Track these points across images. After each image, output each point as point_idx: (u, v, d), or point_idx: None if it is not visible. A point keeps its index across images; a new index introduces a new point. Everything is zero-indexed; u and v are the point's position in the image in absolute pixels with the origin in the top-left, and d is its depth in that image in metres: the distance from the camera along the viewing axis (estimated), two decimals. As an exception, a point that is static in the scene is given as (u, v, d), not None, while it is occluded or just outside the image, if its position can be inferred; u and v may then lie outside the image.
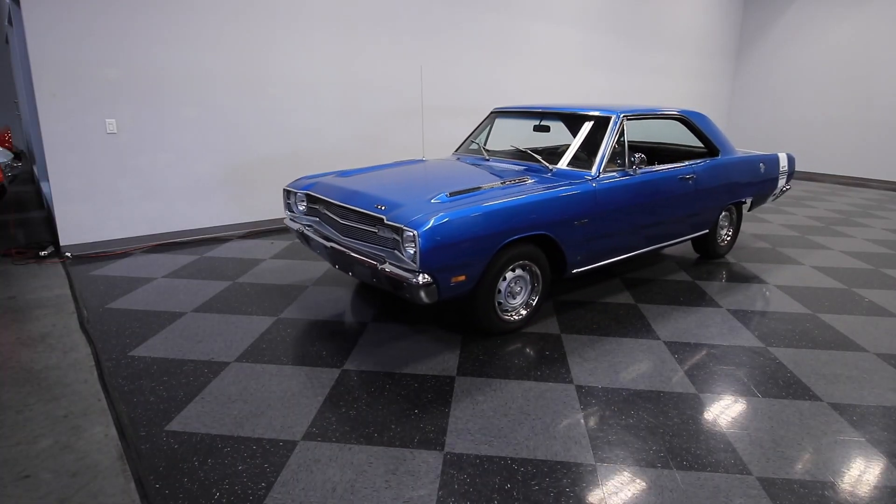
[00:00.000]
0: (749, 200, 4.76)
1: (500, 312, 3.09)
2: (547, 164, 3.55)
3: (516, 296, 3.16)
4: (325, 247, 3.16)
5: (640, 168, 3.54)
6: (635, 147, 5.13)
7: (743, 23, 10.88)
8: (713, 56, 10.45)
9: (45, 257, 4.47)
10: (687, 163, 4.01)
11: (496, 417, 2.37)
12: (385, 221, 2.76)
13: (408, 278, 2.60)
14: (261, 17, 5.06)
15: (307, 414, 2.37)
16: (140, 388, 2.56)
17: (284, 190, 3.66)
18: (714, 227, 4.49)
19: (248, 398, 2.48)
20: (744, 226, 6.22)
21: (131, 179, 4.69)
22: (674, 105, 9.88)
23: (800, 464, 2.12)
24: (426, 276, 2.59)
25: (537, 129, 3.99)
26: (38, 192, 7.21)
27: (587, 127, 3.67)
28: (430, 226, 2.58)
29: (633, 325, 3.37)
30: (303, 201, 3.55)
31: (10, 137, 7.92)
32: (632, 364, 2.87)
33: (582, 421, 2.36)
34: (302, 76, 5.43)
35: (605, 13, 8.18)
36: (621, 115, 3.61)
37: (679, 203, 3.88)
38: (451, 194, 2.93)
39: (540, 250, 3.12)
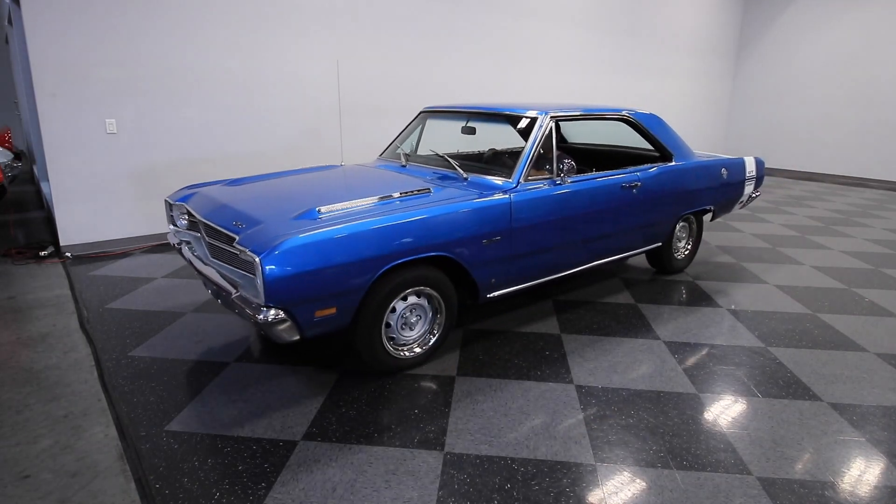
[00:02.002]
0: (711, 209, 4.30)
1: (390, 348, 2.66)
2: (461, 172, 3.11)
3: (413, 327, 2.74)
4: (194, 267, 2.77)
5: (569, 176, 3.13)
6: (584, 151, 4.69)
7: (743, 23, 10.88)
8: (713, 56, 10.45)
9: (45, 257, 4.47)
10: (631, 169, 3.58)
11: (496, 417, 2.37)
12: (234, 244, 2.33)
13: (255, 314, 2.19)
14: (266, 19, 5.06)
15: (307, 414, 2.37)
16: (140, 388, 2.56)
17: (165, 201, 3.23)
18: (669, 240, 4.06)
19: (248, 398, 2.48)
20: (744, 226, 6.22)
21: (131, 179, 4.69)
22: (679, 103, 9.89)
23: (800, 464, 2.12)
24: (279, 311, 2.19)
25: (465, 131, 3.55)
26: (38, 192, 7.21)
27: (512, 129, 3.32)
28: (275, 251, 2.14)
29: (633, 325, 3.37)
30: (184, 214, 3.02)
31: (10, 137, 7.92)
32: (632, 364, 2.87)
33: (582, 421, 2.36)
34: (300, 75, 5.43)
35: (601, 12, 8.18)
36: (548, 116, 3.20)
37: (622, 214, 3.45)
38: (323, 210, 2.50)
39: (442, 274, 2.70)
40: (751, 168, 4.52)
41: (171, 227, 3.15)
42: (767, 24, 10.53)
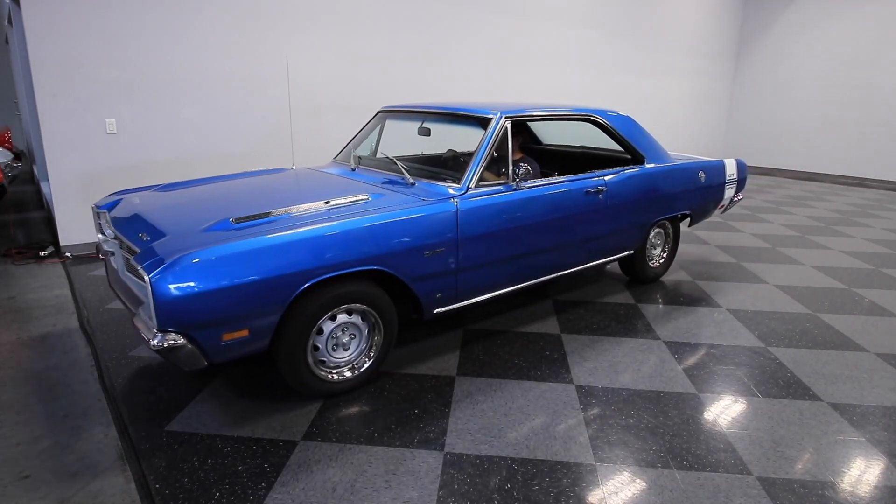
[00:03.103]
0: (688, 215, 4.09)
1: (319, 370, 2.42)
2: (408, 177, 2.89)
3: (347, 348, 2.51)
4: (108, 281, 2.59)
5: (525, 181, 2.91)
6: (559, 153, 4.46)
7: (743, 23, 10.88)
8: (713, 56, 10.45)
9: (45, 257, 4.47)
10: (597, 173, 3.35)
11: (496, 417, 2.37)
12: (132, 259, 2.15)
13: (149, 339, 1.99)
14: (266, 19, 5.06)
15: (307, 414, 2.37)
16: (140, 388, 2.56)
17: (91, 208, 3.01)
18: (642, 248, 3.85)
19: (248, 398, 2.48)
20: (744, 225, 6.22)
21: (131, 179, 4.69)
22: (680, 103, 9.88)
23: (800, 464, 2.12)
24: (177, 336, 1.98)
25: (420, 132, 3.33)
26: (38, 192, 7.21)
27: (465, 130, 3.13)
28: (168, 269, 1.93)
29: (633, 325, 3.37)
30: (109, 222, 2.77)
31: (10, 137, 7.92)
32: (632, 364, 2.87)
33: (582, 421, 2.36)
34: (298, 77, 5.43)
35: (600, 12, 8.18)
36: (502, 116, 2.96)
37: (586, 221, 3.24)
38: (237, 220, 2.29)
39: (379, 289, 2.48)
40: (731, 171, 4.28)
41: (100, 235, 2.85)
42: (767, 24, 10.53)
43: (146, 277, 1.93)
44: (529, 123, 4.58)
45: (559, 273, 3.27)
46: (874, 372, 2.86)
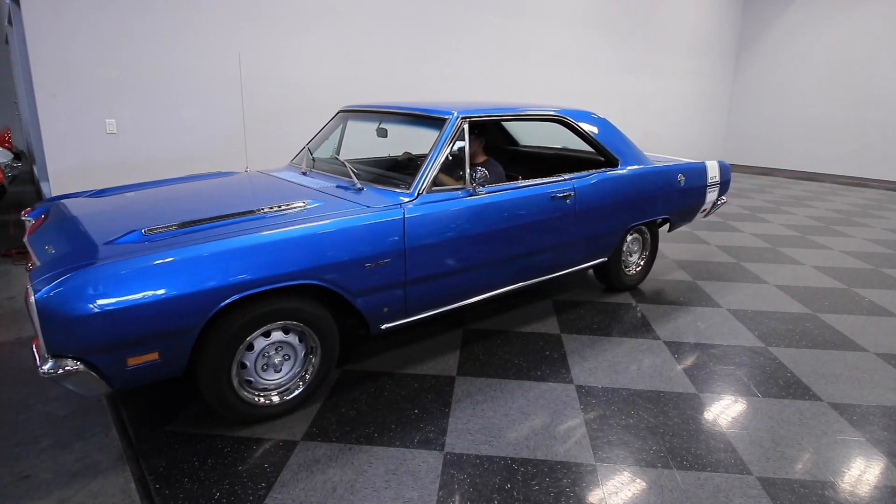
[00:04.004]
0: (667, 219, 3.91)
1: (245, 394, 2.22)
2: (356, 181, 2.69)
3: (279, 369, 2.30)
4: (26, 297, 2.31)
5: (482, 186, 2.73)
6: (534, 156, 4.26)
7: (743, 23, 10.88)
8: (713, 56, 10.45)
9: (45, 257, 4.46)
10: (564, 177, 3.17)
11: (496, 417, 2.37)
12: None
13: (40, 365, 1.78)
14: (266, 18, 5.06)
15: (307, 414, 2.37)
16: (140, 388, 2.56)
17: (21, 216, 2.87)
18: (617, 254, 3.65)
19: (248, 398, 2.48)
20: (744, 226, 6.22)
21: (131, 180, 4.69)
22: (680, 103, 9.88)
23: (800, 463, 2.12)
24: (75, 361, 1.79)
25: (378, 133, 3.15)
26: (38, 192, 7.21)
27: (420, 131, 2.96)
28: (55, 288, 1.74)
29: (633, 325, 3.37)
30: None
31: (10, 137, 7.92)
32: (632, 364, 2.87)
33: (582, 421, 2.36)
34: (298, 76, 5.43)
35: (600, 12, 8.18)
36: (459, 117, 2.78)
37: (552, 228, 3.05)
38: (150, 231, 2.09)
39: (316, 305, 2.29)
40: (713, 173, 4.10)
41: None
42: (767, 24, 10.53)
43: (32, 297, 1.73)
44: (505, 125, 4.45)
45: (523, 283, 3.08)
46: (874, 372, 2.86)
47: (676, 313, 3.57)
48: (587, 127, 3.42)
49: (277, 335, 2.24)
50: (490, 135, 4.40)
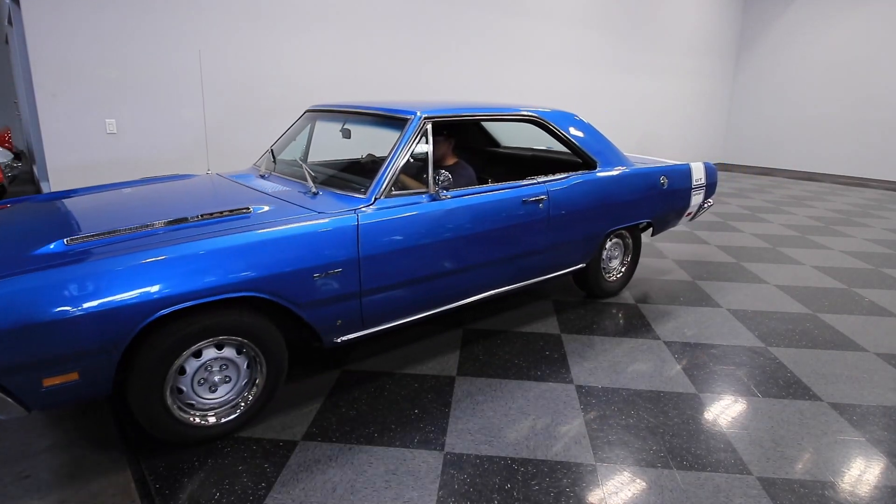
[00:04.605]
0: (649, 224, 3.77)
1: (182, 414, 2.07)
2: (312, 185, 2.56)
3: (218, 388, 2.15)
4: None
5: (446, 190, 2.59)
6: (514, 158, 4.09)
7: (743, 23, 10.89)
8: (713, 56, 10.45)
9: (45, 257, 4.46)
10: (538, 180, 3.03)
11: (496, 417, 2.37)
12: None
13: None
14: (267, 18, 5.06)
15: (307, 414, 2.37)
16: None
17: None
18: (596, 260, 3.52)
19: (248, 398, 2.48)
20: (744, 226, 6.22)
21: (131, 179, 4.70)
22: (680, 103, 9.88)
23: (800, 463, 2.12)
24: None
25: (344, 134, 3.02)
26: (38, 192, 7.21)
27: (383, 132, 2.80)
28: None
29: (633, 325, 3.37)
30: None
31: (10, 137, 7.92)
32: (632, 364, 2.87)
33: (582, 421, 2.36)
34: (298, 77, 5.43)
35: (600, 12, 8.18)
36: (421, 116, 2.64)
37: (524, 234, 2.90)
38: (73, 241, 1.94)
39: (260, 318, 2.13)
40: (699, 175, 3.94)
41: None
42: (767, 24, 10.53)
43: None
44: (486, 126, 4.34)
45: (496, 291, 2.94)
46: (874, 372, 2.86)
47: (676, 313, 3.57)
48: (562, 128, 3.27)
49: (211, 352, 2.06)
50: (468, 136, 4.32)
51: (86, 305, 1.73)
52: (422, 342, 3.06)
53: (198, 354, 2.05)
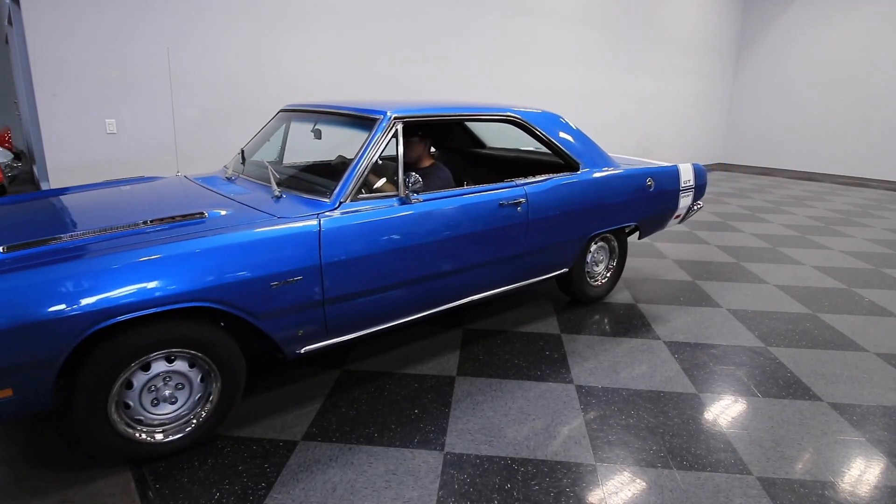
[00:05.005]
0: (636, 227, 3.67)
1: (128, 430, 1.96)
2: (275, 188, 2.45)
3: (171, 403, 2.03)
4: None
5: (417, 193, 2.48)
6: (494, 160, 3.94)
7: (743, 23, 10.89)
8: (713, 56, 10.45)
9: (45, 257, 4.46)
10: (516, 182, 2.92)
11: (496, 417, 2.37)
12: None
13: None
14: (267, 18, 5.06)
15: (307, 414, 2.37)
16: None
17: None
18: (580, 264, 3.40)
19: (248, 398, 2.48)
20: (744, 226, 6.22)
21: (131, 179, 4.69)
22: (679, 103, 9.88)
23: (800, 463, 2.12)
24: None
25: (315, 134, 2.94)
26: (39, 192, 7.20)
27: (351, 132, 2.70)
28: None
29: (633, 325, 3.37)
30: None
31: (10, 137, 7.92)
32: (632, 364, 2.87)
33: (582, 421, 2.36)
34: (298, 76, 5.43)
35: (600, 11, 8.18)
36: (391, 116, 2.53)
37: (499, 238, 2.79)
38: (10, 248, 1.86)
39: (215, 329, 2.02)
40: (687, 177, 3.82)
41: None
42: (767, 24, 10.53)
43: None
44: (471, 127, 4.21)
45: (472, 298, 2.84)
46: (874, 372, 2.86)
47: (676, 313, 3.57)
48: (542, 128, 3.16)
49: (160, 366, 1.96)
50: (451, 137, 4.24)
51: (15, 319, 1.62)
52: (422, 342, 3.06)
53: (146, 367, 1.94)
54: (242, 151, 3.05)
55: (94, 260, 1.78)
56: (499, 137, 4.35)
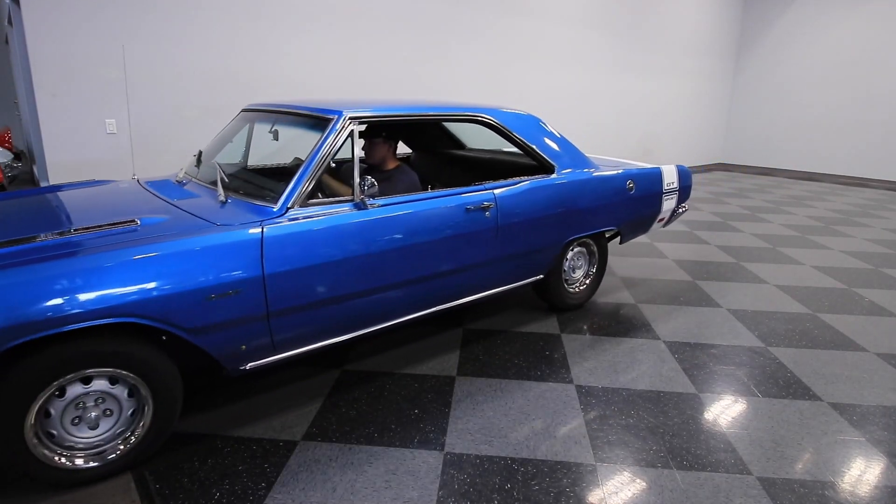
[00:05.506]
0: (616, 232, 3.55)
1: (46, 454, 1.81)
2: (221, 193, 2.31)
3: (93, 427, 1.88)
4: None
5: (373, 198, 2.35)
6: (472, 161, 3.76)
7: (743, 23, 10.89)
8: (713, 56, 10.45)
9: (45, 257, 4.46)
10: (484, 186, 2.78)
11: (496, 417, 2.37)
12: None
13: None
14: (266, 18, 5.06)
15: (307, 414, 2.37)
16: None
17: None
18: (556, 271, 3.27)
19: (248, 398, 2.48)
20: (744, 226, 6.22)
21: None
22: (679, 103, 9.87)
23: (800, 463, 2.12)
24: None
25: (274, 136, 2.80)
26: (38, 192, 7.19)
27: (307, 133, 2.53)
28: None
29: (633, 325, 3.37)
30: None
31: (10, 137, 7.92)
32: (632, 364, 2.87)
33: (582, 421, 2.36)
34: (298, 76, 5.43)
35: (600, 11, 8.18)
36: (346, 116, 2.39)
37: (465, 245, 2.63)
38: None
39: (144, 346, 1.87)
40: (670, 179, 3.69)
41: None
42: (767, 24, 10.53)
43: None
44: (449, 127, 4.02)
45: (437, 308, 2.70)
46: (874, 372, 2.86)
47: (676, 313, 3.57)
48: (515, 129, 3.01)
49: (76, 389, 1.80)
50: (427, 138, 4.10)
51: None
52: (422, 342, 3.06)
53: (62, 392, 1.80)
54: (199, 153, 2.89)
55: (2, 273, 1.64)
56: (483, 140, 4.17)
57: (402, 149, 4.42)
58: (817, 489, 1.98)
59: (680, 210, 3.91)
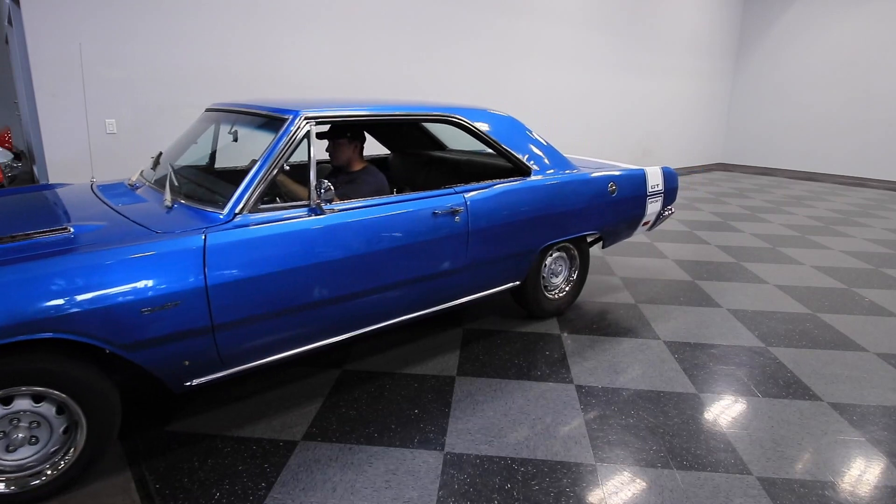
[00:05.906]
0: (598, 236, 3.44)
1: None
2: (168, 198, 2.19)
3: (18, 449, 1.77)
4: None
5: (329, 203, 2.21)
6: (450, 163, 3.58)
7: (743, 23, 10.89)
8: (713, 56, 10.45)
9: (45, 257, 4.46)
10: (453, 189, 2.65)
11: (496, 417, 2.37)
12: None
13: None
14: (266, 18, 5.06)
15: (307, 414, 2.37)
16: (140, 387, 2.56)
17: None
18: (534, 277, 3.15)
19: (248, 398, 2.48)
20: (744, 226, 6.22)
21: (131, 179, 4.69)
22: (679, 103, 9.88)
23: (800, 463, 2.12)
24: None
25: (234, 137, 2.69)
26: (38, 192, 7.19)
27: (263, 134, 2.39)
28: None
29: (633, 325, 3.37)
30: None
31: (10, 137, 7.92)
32: (632, 364, 2.87)
33: (582, 421, 2.36)
34: (298, 77, 5.43)
35: (600, 11, 8.18)
36: (301, 116, 2.26)
37: (433, 251, 2.50)
38: None
39: (80, 363, 1.75)
40: (655, 181, 3.56)
41: None
42: (767, 24, 10.53)
43: None
44: (428, 127, 3.87)
45: (402, 318, 2.57)
46: (874, 372, 2.86)
47: (676, 313, 3.57)
48: (487, 128, 2.88)
49: (22, 402, 1.71)
50: (405, 139, 3.98)
51: None
52: (422, 342, 3.06)
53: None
54: (159, 155, 2.76)
55: None
56: (466, 141, 3.98)
57: (382, 150, 4.38)
58: (817, 489, 1.98)
59: (666, 213, 3.79)
